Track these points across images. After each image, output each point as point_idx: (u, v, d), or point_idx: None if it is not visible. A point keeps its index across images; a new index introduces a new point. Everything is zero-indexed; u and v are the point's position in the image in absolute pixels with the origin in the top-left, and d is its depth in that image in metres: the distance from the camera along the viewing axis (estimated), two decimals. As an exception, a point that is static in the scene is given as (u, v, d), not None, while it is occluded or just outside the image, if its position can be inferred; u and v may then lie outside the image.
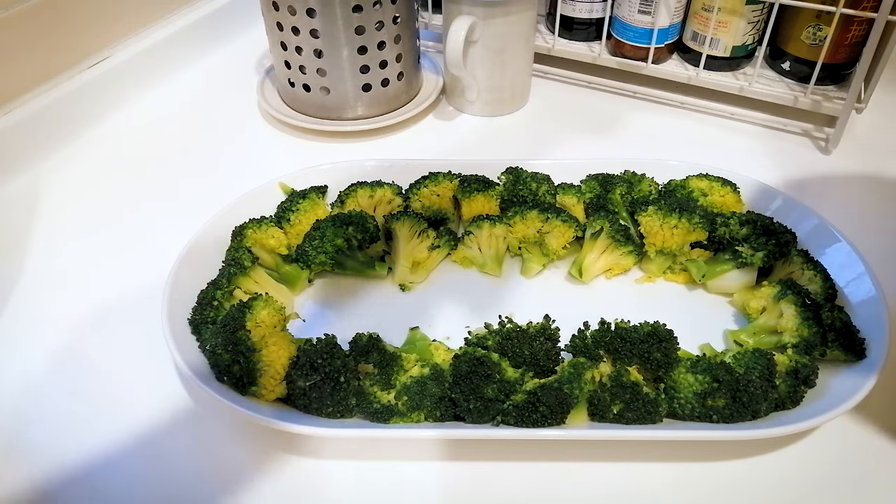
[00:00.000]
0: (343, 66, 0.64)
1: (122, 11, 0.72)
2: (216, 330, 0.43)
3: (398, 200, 0.56)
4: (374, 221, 0.53)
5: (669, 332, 0.43)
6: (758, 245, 0.50)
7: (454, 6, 0.64)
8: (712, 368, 0.41)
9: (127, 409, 0.45)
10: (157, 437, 0.43)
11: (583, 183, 0.57)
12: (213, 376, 0.43)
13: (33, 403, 0.45)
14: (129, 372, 0.47)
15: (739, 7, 0.66)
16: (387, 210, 0.56)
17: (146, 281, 0.53)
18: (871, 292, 0.46)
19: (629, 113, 0.73)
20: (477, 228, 0.53)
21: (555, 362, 0.43)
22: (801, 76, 0.69)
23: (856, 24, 0.63)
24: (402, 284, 0.52)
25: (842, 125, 0.64)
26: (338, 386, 0.42)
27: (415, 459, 0.42)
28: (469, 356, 0.42)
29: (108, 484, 0.41)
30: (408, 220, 0.52)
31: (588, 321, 0.46)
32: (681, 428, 0.41)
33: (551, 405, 0.40)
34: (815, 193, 0.60)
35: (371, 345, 0.43)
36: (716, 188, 0.54)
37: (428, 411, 0.41)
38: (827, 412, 0.40)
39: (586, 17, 0.74)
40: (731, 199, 0.54)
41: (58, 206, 0.61)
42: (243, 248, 0.51)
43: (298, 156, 0.67)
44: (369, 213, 0.55)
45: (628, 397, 0.41)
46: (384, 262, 0.53)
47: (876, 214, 0.59)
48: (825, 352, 0.44)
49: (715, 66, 0.71)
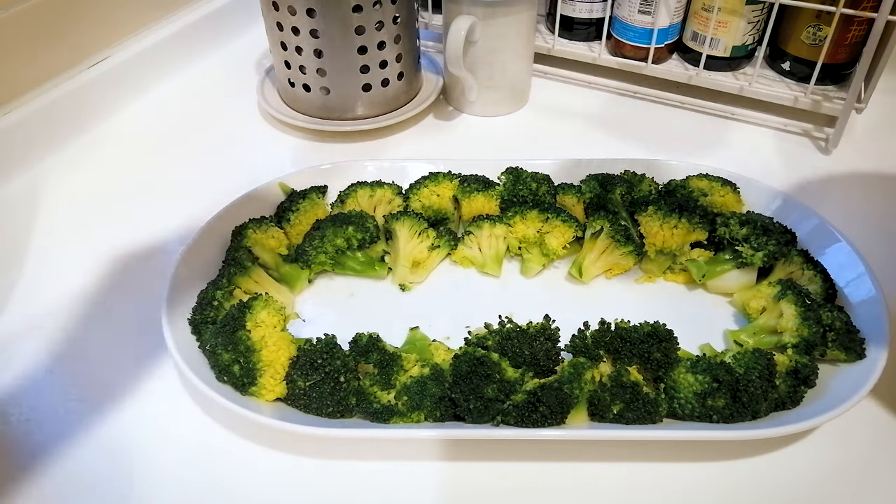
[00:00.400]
0: (343, 66, 0.64)
1: (122, 11, 0.72)
2: (216, 330, 0.43)
3: (398, 200, 0.56)
4: (374, 221, 0.53)
5: (669, 332, 0.43)
6: (758, 245, 0.50)
7: (454, 6, 0.64)
8: (712, 368, 0.41)
9: (127, 408, 0.45)
10: (156, 437, 0.43)
11: (583, 183, 0.57)
12: (213, 376, 0.43)
13: (33, 403, 0.45)
14: (129, 372, 0.47)
15: (739, 7, 0.66)
16: (387, 210, 0.56)
17: (146, 281, 0.53)
18: (871, 292, 0.46)
19: (629, 113, 0.73)
20: (477, 228, 0.53)
21: (555, 362, 0.43)
22: (801, 76, 0.69)
23: (856, 24, 0.63)
24: (402, 284, 0.52)
25: (842, 125, 0.64)
26: (338, 386, 0.42)
27: (415, 459, 0.42)
28: (469, 356, 0.42)
29: (108, 484, 0.41)
30: (408, 220, 0.52)
31: (588, 321, 0.46)
32: (681, 428, 0.41)
33: (551, 405, 0.40)
34: (815, 193, 0.60)
35: (371, 345, 0.43)
36: (716, 188, 0.54)
37: (428, 411, 0.41)
38: (827, 412, 0.40)
39: (586, 17, 0.74)
40: (731, 199, 0.54)
41: (58, 206, 0.61)
42: (243, 248, 0.51)
43: (298, 156, 0.67)
44: (369, 212, 0.55)
45: (628, 397, 0.41)
46: (384, 262, 0.54)
47: (876, 214, 0.59)
48: (825, 352, 0.44)
49: (715, 66, 0.71)
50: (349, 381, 0.42)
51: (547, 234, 0.52)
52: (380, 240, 0.54)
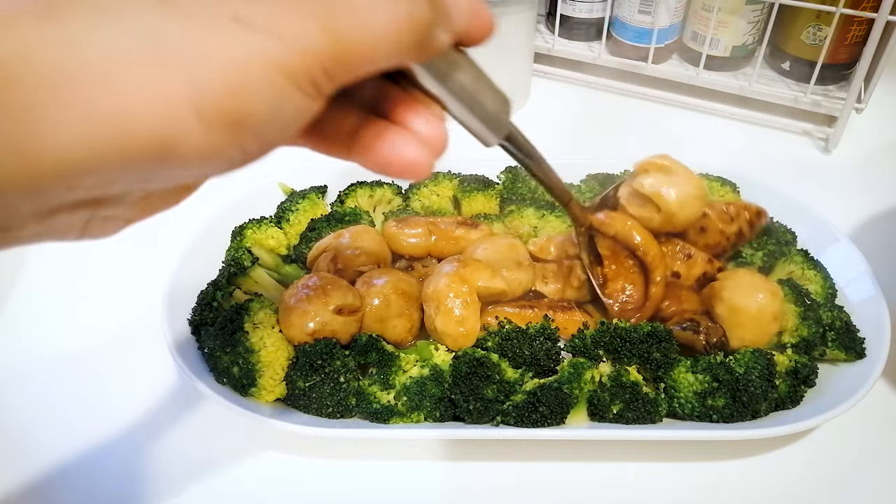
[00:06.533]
0: (343, 66, 0.64)
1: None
2: (214, 332, 0.43)
3: (398, 200, 0.56)
4: (369, 218, 0.53)
5: (669, 332, 0.43)
6: (758, 245, 0.50)
7: (454, 6, 0.64)
8: (712, 368, 0.41)
9: (127, 409, 0.45)
10: (157, 438, 0.43)
11: (583, 183, 0.57)
12: (213, 377, 0.43)
13: (33, 404, 0.45)
14: (129, 372, 0.47)
15: (739, 7, 0.66)
16: (387, 210, 0.56)
17: (146, 281, 0.53)
18: (871, 292, 0.46)
19: (629, 113, 0.73)
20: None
21: (555, 362, 0.43)
22: (801, 76, 0.69)
23: (856, 24, 0.63)
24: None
25: (842, 125, 0.64)
26: (338, 386, 0.42)
27: (414, 459, 0.42)
28: (469, 356, 0.42)
29: (108, 484, 0.41)
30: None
31: (588, 321, 0.45)
32: (681, 428, 0.41)
33: (551, 405, 0.40)
34: (815, 193, 0.59)
35: (371, 345, 0.43)
36: (716, 188, 0.54)
37: (427, 412, 0.41)
38: (827, 412, 0.40)
39: (586, 17, 0.74)
40: (731, 199, 0.54)
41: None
42: (243, 249, 0.51)
43: (298, 156, 0.67)
44: (369, 213, 0.55)
45: (628, 397, 0.41)
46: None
47: (876, 214, 0.59)
48: (825, 352, 0.44)
49: (715, 66, 0.71)
50: (349, 381, 0.42)
51: (542, 230, 0.52)
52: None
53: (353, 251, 0.48)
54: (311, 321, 0.42)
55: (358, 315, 0.44)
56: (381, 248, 0.49)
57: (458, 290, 0.43)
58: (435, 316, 0.43)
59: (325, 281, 0.44)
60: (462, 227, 0.51)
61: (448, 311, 0.43)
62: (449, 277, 0.44)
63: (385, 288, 0.45)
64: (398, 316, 0.45)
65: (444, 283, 0.43)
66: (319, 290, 0.43)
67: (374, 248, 0.49)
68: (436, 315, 0.43)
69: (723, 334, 0.43)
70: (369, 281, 0.46)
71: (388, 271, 0.47)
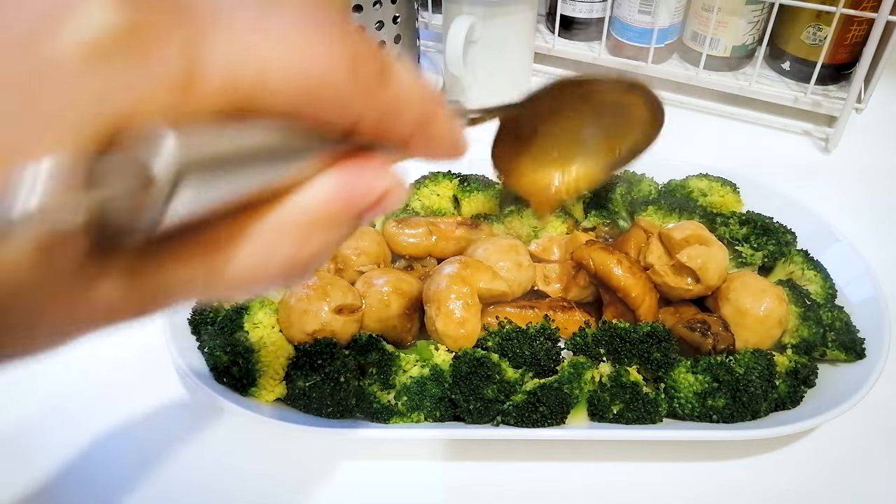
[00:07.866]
0: (343, 66, 0.64)
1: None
2: (214, 332, 0.43)
3: (398, 200, 0.56)
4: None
5: (668, 332, 0.43)
6: (758, 245, 0.50)
7: (454, 6, 0.64)
8: (712, 368, 0.41)
9: (127, 409, 0.45)
10: (157, 438, 0.43)
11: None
12: (213, 377, 0.43)
13: (33, 404, 0.45)
14: (128, 372, 0.47)
15: (739, 7, 0.66)
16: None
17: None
18: (871, 292, 0.46)
19: (629, 113, 0.72)
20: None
21: (555, 362, 0.43)
22: (801, 76, 0.69)
23: (856, 24, 0.63)
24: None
25: (842, 125, 0.64)
26: (338, 386, 0.42)
27: (415, 459, 0.42)
28: (469, 356, 0.42)
29: (108, 484, 0.41)
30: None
31: (588, 321, 0.45)
32: (681, 428, 0.41)
33: (551, 405, 0.40)
34: (815, 193, 0.59)
35: (371, 345, 0.43)
36: (716, 188, 0.54)
37: (427, 412, 0.41)
38: (827, 412, 0.40)
39: (586, 17, 0.74)
40: (731, 199, 0.54)
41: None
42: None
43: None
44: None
45: (628, 397, 0.41)
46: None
47: (876, 214, 0.59)
48: (825, 352, 0.44)
49: (715, 66, 0.71)
50: (349, 381, 0.42)
51: (542, 230, 0.52)
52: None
53: (353, 251, 0.48)
54: (311, 321, 0.42)
55: (358, 315, 0.44)
56: (381, 248, 0.49)
57: (460, 292, 0.43)
58: (436, 317, 0.43)
59: (325, 281, 0.44)
60: (462, 228, 0.51)
61: (449, 312, 0.43)
62: (450, 279, 0.44)
63: (385, 288, 0.45)
64: (398, 316, 0.45)
65: (446, 285, 0.43)
66: (319, 290, 0.43)
67: (374, 248, 0.49)
68: (437, 316, 0.43)
69: (732, 342, 0.43)
70: (369, 281, 0.46)
71: (388, 271, 0.47)
